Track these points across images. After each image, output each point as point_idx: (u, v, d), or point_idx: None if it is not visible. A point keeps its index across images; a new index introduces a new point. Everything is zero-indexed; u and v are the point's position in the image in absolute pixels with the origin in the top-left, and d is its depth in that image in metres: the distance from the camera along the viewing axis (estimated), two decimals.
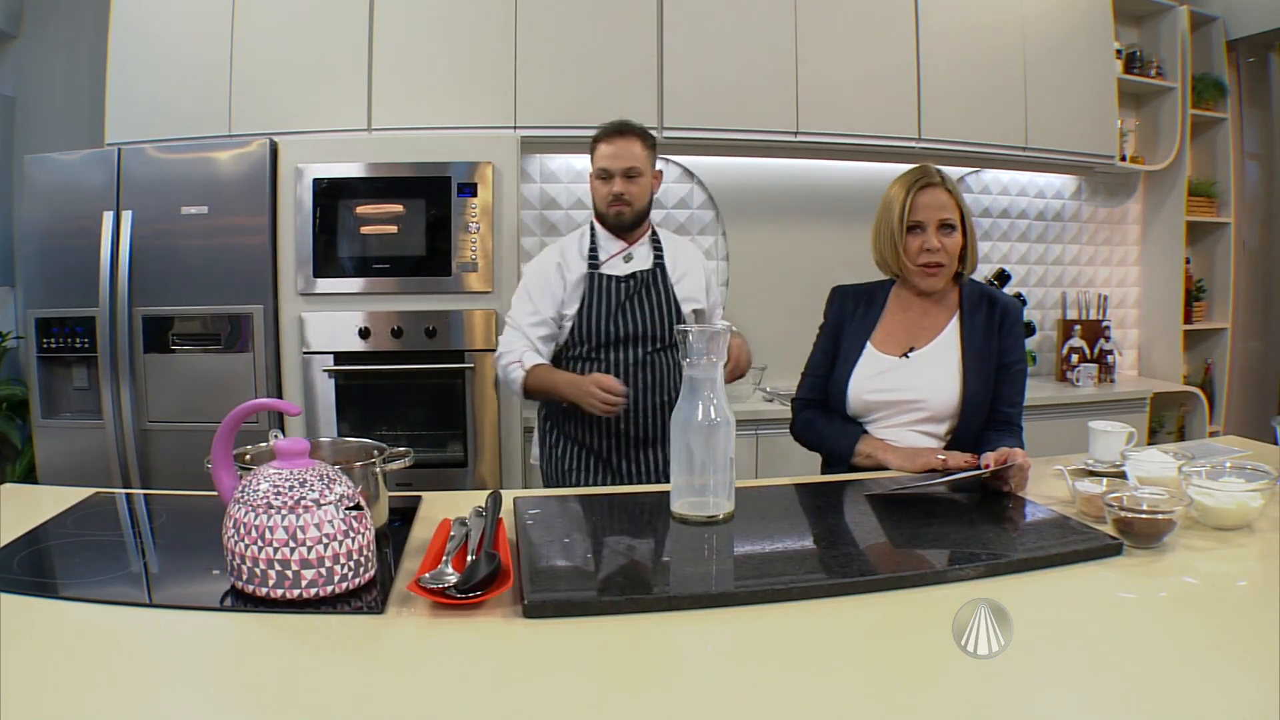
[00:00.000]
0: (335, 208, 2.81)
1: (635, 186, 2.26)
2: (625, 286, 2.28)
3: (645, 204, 2.30)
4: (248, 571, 1.07)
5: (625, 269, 2.30)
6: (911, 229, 1.86)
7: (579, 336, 2.27)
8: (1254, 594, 1.19)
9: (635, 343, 2.27)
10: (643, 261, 2.32)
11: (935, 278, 1.87)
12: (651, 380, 2.28)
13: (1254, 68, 4.25)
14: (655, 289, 2.30)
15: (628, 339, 2.26)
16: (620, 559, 1.29)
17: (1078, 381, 3.76)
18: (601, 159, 2.26)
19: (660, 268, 2.32)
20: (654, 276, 2.31)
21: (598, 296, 2.27)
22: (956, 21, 3.43)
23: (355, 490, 1.15)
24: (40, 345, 2.78)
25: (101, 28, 3.07)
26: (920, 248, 1.85)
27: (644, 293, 2.29)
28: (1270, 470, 1.47)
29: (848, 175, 3.59)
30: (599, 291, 2.27)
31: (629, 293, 2.28)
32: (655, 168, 2.34)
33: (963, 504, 1.55)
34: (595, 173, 2.28)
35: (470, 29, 3.06)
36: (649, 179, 2.31)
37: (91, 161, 2.76)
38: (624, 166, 2.23)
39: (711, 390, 1.39)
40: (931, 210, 1.85)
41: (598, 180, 2.28)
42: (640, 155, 2.26)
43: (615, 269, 2.30)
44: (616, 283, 2.27)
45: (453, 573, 1.12)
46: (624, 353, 2.26)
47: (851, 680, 0.95)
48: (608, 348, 2.27)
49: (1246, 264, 4.26)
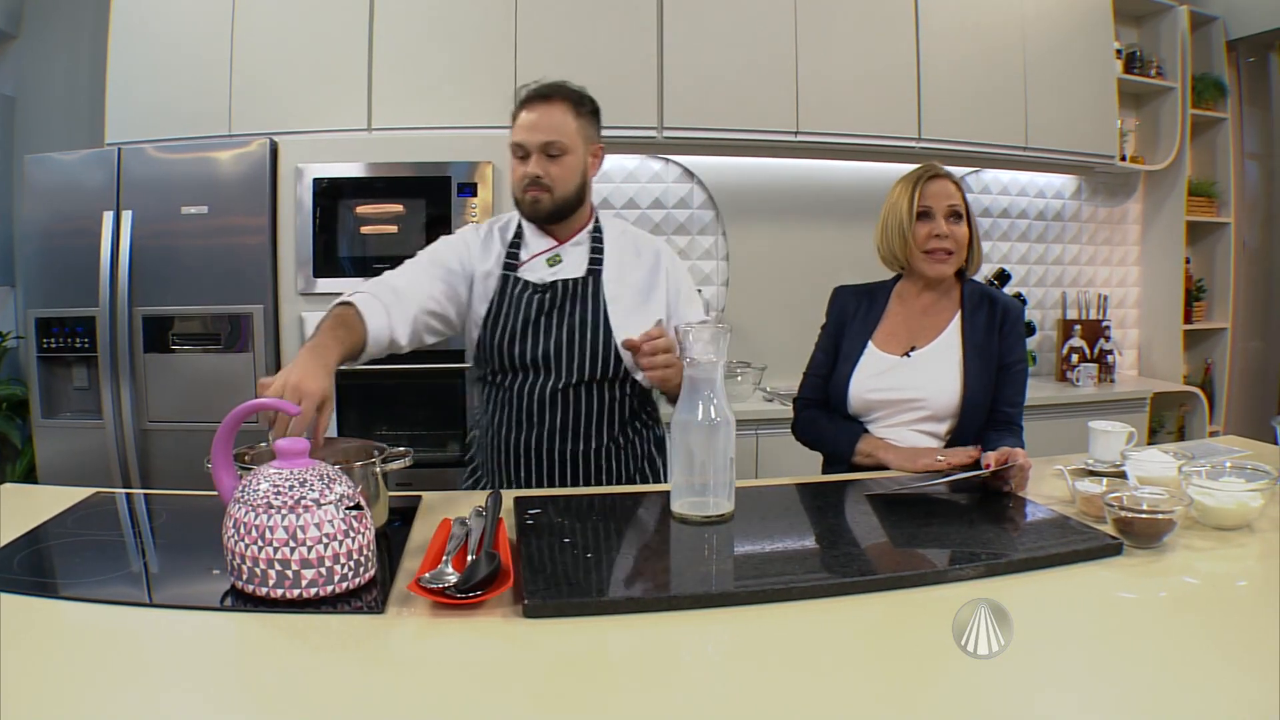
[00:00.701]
0: (335, 207, 2.81)
1: (558, 167, 1.77)
2: (543, 298, 1.79)
3: (572, 190, 1.80)
4: (248, 571, 1.07)
5: (548, 275, 1.82)
6: (921, 216, 1.88)
7: (482, 355, 1.83)
8: (1254, 594, 1.18)
9: (547, 371, 1.78)
10: (573, 267, 1.83)
11: (944, 264, 1.88)
12: (565, 422, 1.79)
13: (1254, 68, 4.25)
14: (582, 304, 1.80)
15: (537, 366, 1.78)
16: (620, 559, 1.29)
17: (1078, 381, 3.76)
18: (517, 130, 1.78)
19: (595, 276, 1.82)
20: (583, 288, 1.81)
21: (506, 307, 1.80)
22: (956, 21, 3.43)
23: (355, 490, 1.15)
24: (40, 345, 2.78)
25: (101, 28, 3.08)
26: (929, 234, 1.86)
27: (567, 307, 1.79)
28: (1270, 470, 1.47)
29: (848, 175, 3.59)
30: (509, 300, 1.80)
31: (546, 306, 1.79)
32: (596, 141, 1.85)
33: (963, 504, 1.55)
34: (511, 147, 1.80)
35: (470, 29, 3.06)
36: (581, 157, 1.80)
37: (91, 161, 2.76)
38: (542, 140, 1.75)
39: (711, 390, 1.39)
40: (940, 198, 1.87)
41: (513, 159, 1.80)
42: (568, 126, 1.77)
43: (535, 273, 1.82)
44: (532, 292, 1.79)
45: (453, 572, 1.12)
46: (532, 382, 1.79)
47: (852, 680, 0.95)
48: (513, 373, 1.80)
49: (1246, 264, 4.26)
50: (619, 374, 1.82)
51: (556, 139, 1.75)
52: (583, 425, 1.81)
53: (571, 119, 1.78)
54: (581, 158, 1.81)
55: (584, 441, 1.81)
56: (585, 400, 1.80)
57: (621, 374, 1.82)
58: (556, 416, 1.79)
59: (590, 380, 1.80)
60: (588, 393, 1.80)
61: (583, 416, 1.81)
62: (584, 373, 1.79)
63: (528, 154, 1.77)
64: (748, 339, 3.46)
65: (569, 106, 1.79)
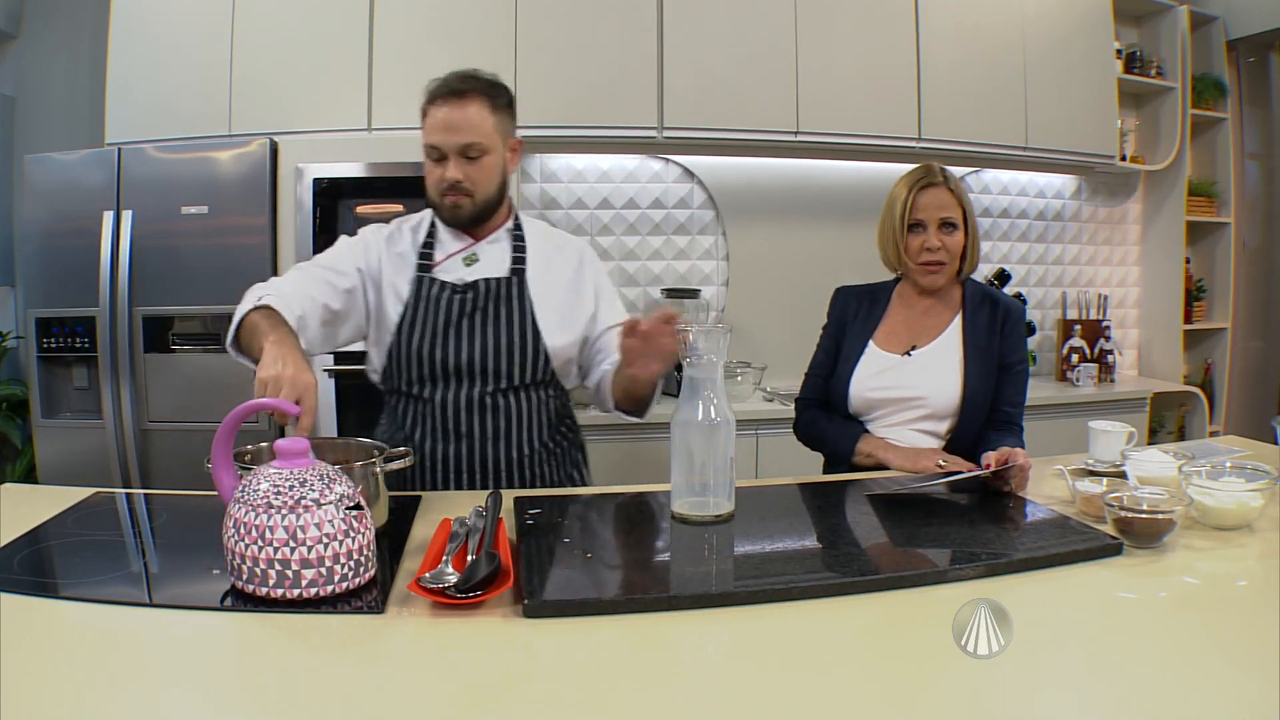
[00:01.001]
0: (335, 207, 2.81)
1: (478, 169, 1.66)
2: (463, 299, 1.70)
3: (494, 191, 1.71)
4: (248, 571, 1.07)
5: (466, 275, 1.72)
6: (913, 228, 1.87)
7: (395, 365, 1.71)
8: (1254, 594, 1.19)
9: (472, 377, 1.69)
10: (493, 266, 1.74)
11: (936, 275, 1.88)
12: (493, 430, 1.71)
13: (1254, 67, 4.25)
14: (507, 305, 1.71)
15: (460, 372, 1.69)
16: (620, 559, 1.29)
17: (1078, 381, 3.76)
18: (432, 130, 1.66)
19: (519, 275, 1.74)
20: (507, 288, 1.72)
21: (423, 310, 1.69)
22: (956, 21, 3.43)
23: (355, 490, 1.15)
24: (40, 345, 2.78)
25: (101, 28, 3.07)
26: (921, 246, 1.86)
27: (490, 309, 1.70)
28: (1270, 470, 1.47)
29: (848, 175, 3.59)
30: (425, 302, 1.69)
31: (468, 308, 1.70)
32: (513, 135, 1.74)
33: (963, 504, 1.55)
34: (425, 149, 1.68)
35: (470, 29, 3.06)
36: (500, 155, 1.70)
37: (92, 161, 2.76)
38: (460, 143, 1.63)
39: (712, 390, 1.39)
40: (932, 210, 1.86)
41: (428, 160, 1.69)
42: (486, 125, 1.66)
43: (452, 273, 1.73)
44: (451, 293, 1.70)
45: (453, 572, 1.12)
46: (455, 391, 1.69)
47: (852, 680, 0.95)
48: (432, 382, 1.70)
49: (1246, 264, 4.26)
50: (548, 377, 1.76)
51: (475, 140, 1.64)
52: (514, 432, 1.72)
53: (489, 115, 1.66)
54: (501, 155, 1.70)
55: (516, 449, 1.73)
56: (515, 406, 1.72)
57: (549, 377, 1.76)
58: (487, 424, 1.70)
59: (520, 385, 1.72)
60: (516, 398, 1.72)
61: (513, 423, 1.72)
62: (513, 377, 1.71)
63: (444, 156, 1.66)
64: (748, 339, 3.46)
65: (485, 102, 1.66)
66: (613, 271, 3.50)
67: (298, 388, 1.28)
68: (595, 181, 3.46)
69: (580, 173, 3.44)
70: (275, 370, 1.29)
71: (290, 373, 1.29)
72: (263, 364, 1.32)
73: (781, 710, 0.86)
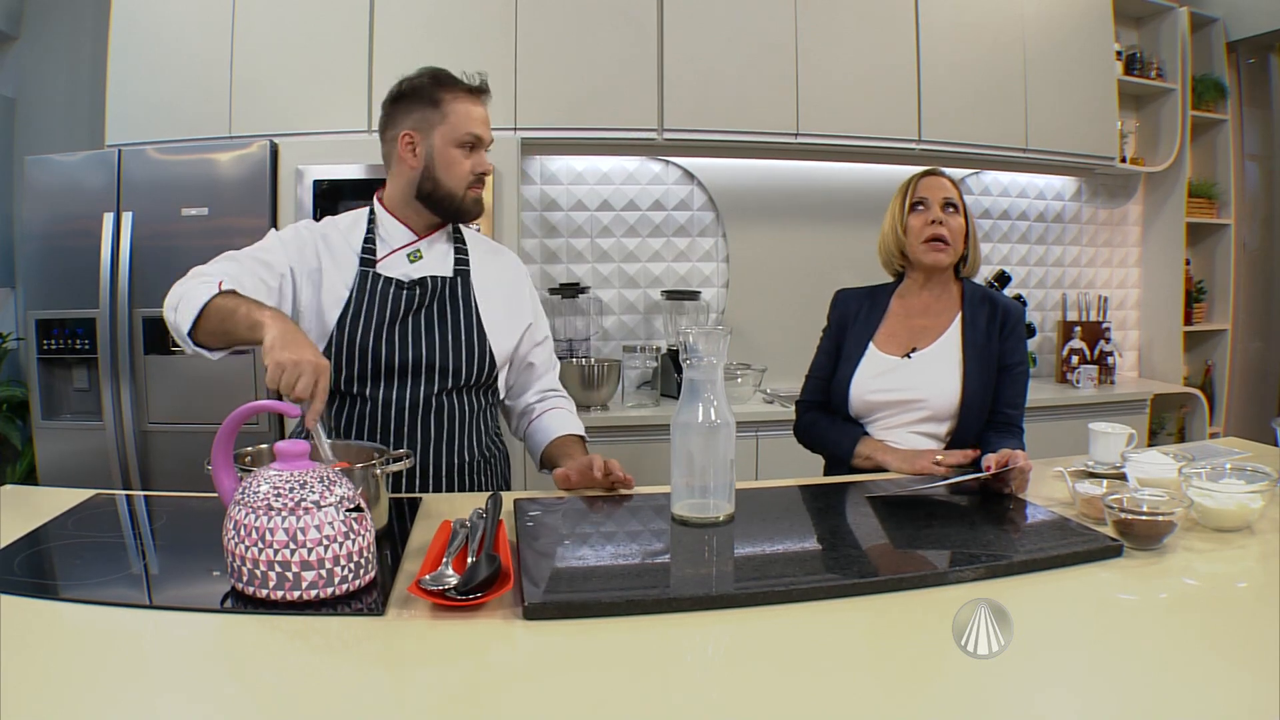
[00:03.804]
0: (336, 209, 2.80)
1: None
2: (410, 295, 1.67)
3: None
4: (248, 573, 1.07)
5: (412, 271, 1.70)
6: (915, 207, 1.90)
7: (334, 362, 1.63)
8: (1254, 595, 1.18)
9: (417, 376, 1.66)
10: (436, 264, 1.73)
11: (941, 253, 1.89)
12: (438, 431, 1.67)
13: (1254, 69, 4.25)
14: (453, 304, 1.71)
15: (405, 370, 1.65)
16: (620, 561, 1.29)
17: (1078, 383, 3.76)
18: (475, 122, 1.68)
19: (463, 276, 1.74)
20: (453, 287, 1.71)
21: (366, 303, 1.65)
22: (956, 22, 3.43)
23: (355, 492, 1.15)
24: (40, 346, 2.78)
25: (101, 28, 3.08)
26: (925, 223, 1.88)
27: (435, 306, 1.69)
28: (1270, 472, 1.47)
29: (848, 177, 3.60)
30: (368, 296, 1.66)
31: (414, 304, 1.67)
32: None
33: (963, 506, 1.55)
34: (459, 137, 1.66)
35: (470, 30, 3.06)
36: None
37: (92, 163, 2.76)
38: (489, 140, 1.73)
39: (712, 392, 1.39)
40: (936, 190, 1.90)
41: (458, 150, 1.67)
42: None
43: (396, 269, 1.70)
44: (396, 288, 1.67)
45: (453, 574, 1.12)
46: (400, 389, 1.65)
47: (852, 682, 0.95)
48: (375, 380, 1.65)
49: (1247, 265, 4.26)
50: (490, 380, 1.75)
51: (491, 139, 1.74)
52: (456, 437, 1.70)
53: None
54: None
55: (456, 455, 1.70)
56: (458, 408, 1.70)
57: (491, 380, 1.76)
58: (430, 427, 1.67)
59: (464, 385, 1.70)
60: (460, 399, 1.70)
61: (455, 427, 1.70)
62: (459, 376, 1.69)
63: (479, 147, 1.69)
64: (748, 341, 3.46)
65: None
66: (612, 273, 3.50)
67: (319, 371, 1.27)
68: (595, 183, 3.46)
69: (580, 175, 3.44)
70: (293, 354, 1.27)
71: (310, 356, 1.28)
72: (276, 345, 1.28)
73: (782, 711, 0.85)
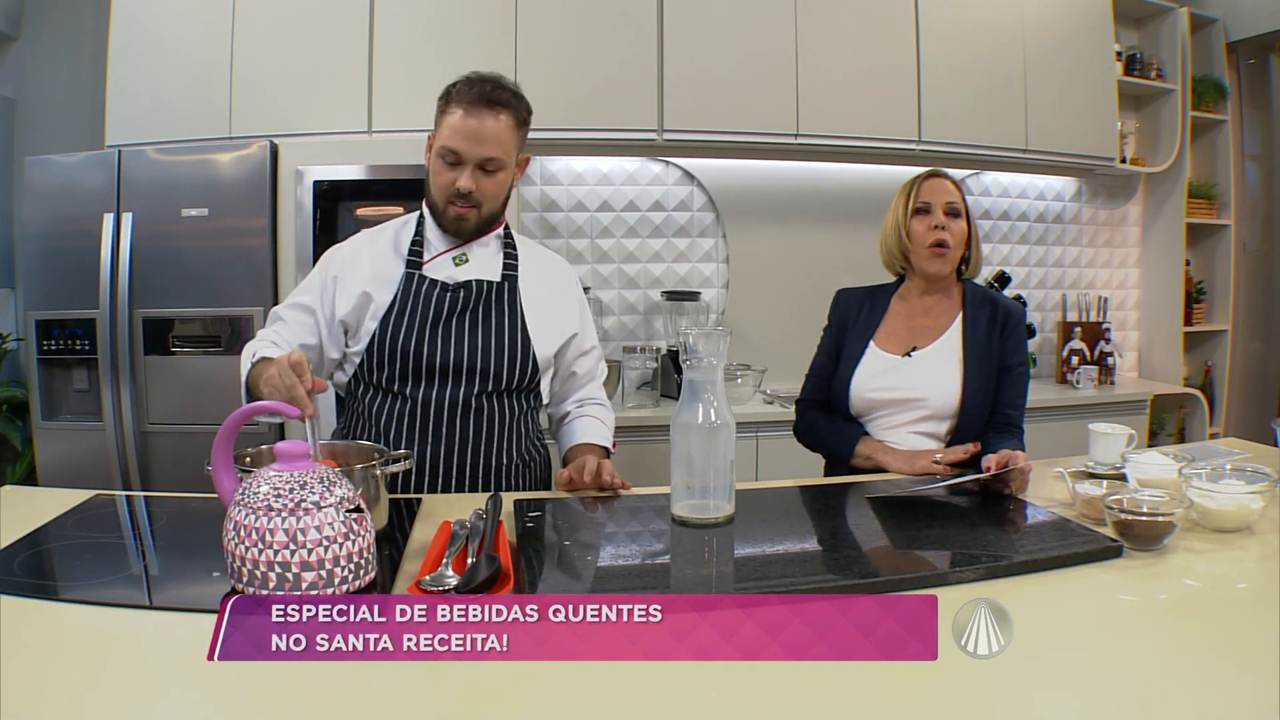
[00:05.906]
0: (336, 210, 2.81)
1: (491, 183, 1.64)
2: (454, 298, 1.65)
3: (499, 206, 1.69)
4: (248, 574, 1.07)
5: (457, 274, 1.69)
6: (918, 211, 1.90)
7: (375, 359, 1.64)
8: (1254, 596, 1.19)
9: (457, 378, 1.64)
10: (484, 268, 1.71)
11: (943, 259, 1.89)
12: (477, 432, 1.66)
13: (1254, 69, 4.25)
14: (498, 308, 1.68)
15: (446, 371, 1.64)
16: (620, 561, 1.29)
17: (1078, 384, 3.76)
18: (454, 135, 1.59)
19: (511, 281, 1.71)
20: (499, 291, 1.69)
21: (410, 303, 1.64)
22: (956, 22, 3.43)
23: (355, 493, 1.15)
24: (40, 347, 2.77)
25: (101, 28, 3.08)
26: (928, 228, 1.88)
27: (480, 311, 1.67)
28: (1270, 472, 1.47)
29: (848, 178, 3.59)
30: (413, 296, 1.65)
31: (458, 307, 1.66)
32: (524, 153, 1.70)
33: (963, 506, 1.55)
34: (439, 149, 1.62)
35: (470, 31, 3.06)
36: (511, 171, 1.67)
37: (92, 163, 2.76)
38: (483, 155, 1.60)
39: (712, 393, 1.39)
40: (939, 194, 1.89)
41: (439, 160, 1.62)
42: (508, 141, 1.62)
43: (441, 271, 1.69)
44: (441, 290, 1.66)
45: (453, 575, 1.12)
46: (439, 390, 1.64)
47: (852, 681, 0.95)
48: (415, 380, 1.64)
49: (1247, 266, 4.26)
50: (533, 384, 1.73)
51: (496, 155, 1.61)
52: (495, 439, 1.68)
53: (514, 131, 1.63)
54: (512, 172, 1.67)
55: (495, 457, 1.68)
56: (499, 411, 1.68)
57: (534, 385, 1.74)
58: (469, 427, 1.65)
59: (506, 389, 1.68)
60: (500, 403, 1.68)
61: (495, 429, 1.67)
62: (500, 380, 1.67)
63: (459, 163, 1.61)
64: (748, 341, 3.46)
65: (512, 118, 1.62)
66: (612, 274, 3.50)
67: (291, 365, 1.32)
68: (595, 184, 3.46)
69: (580, 175, 3.44)
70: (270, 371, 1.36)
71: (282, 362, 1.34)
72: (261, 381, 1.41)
73: (782, 712, 0.86)
